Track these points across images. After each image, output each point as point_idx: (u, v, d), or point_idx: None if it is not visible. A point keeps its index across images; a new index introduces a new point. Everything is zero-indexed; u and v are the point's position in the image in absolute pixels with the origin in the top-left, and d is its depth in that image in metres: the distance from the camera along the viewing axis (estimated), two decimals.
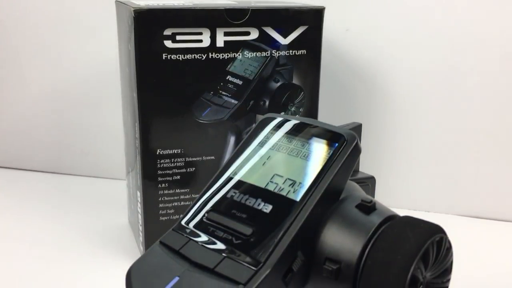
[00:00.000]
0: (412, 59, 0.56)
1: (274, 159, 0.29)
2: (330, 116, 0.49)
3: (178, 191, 0.46)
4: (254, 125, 0.31)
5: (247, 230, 0.26)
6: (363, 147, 0.29)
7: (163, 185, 0.45)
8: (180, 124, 0.45)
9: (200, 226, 0.27)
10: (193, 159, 0.46)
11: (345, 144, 0.28)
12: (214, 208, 0.27)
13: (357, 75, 0.57)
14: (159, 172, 0.45)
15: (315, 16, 0.46)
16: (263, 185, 0.28)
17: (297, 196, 0.26)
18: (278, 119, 0.30)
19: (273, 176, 0.28)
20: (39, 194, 0.62)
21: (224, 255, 0.25)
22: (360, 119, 0.42)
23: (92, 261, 0.48)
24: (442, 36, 0.55)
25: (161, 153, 0.45)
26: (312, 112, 0.48)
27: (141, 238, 0.47)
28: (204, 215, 0.27)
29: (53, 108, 0.66)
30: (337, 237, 0.26)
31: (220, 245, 0.26)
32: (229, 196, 0.28)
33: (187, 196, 0.46)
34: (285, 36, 0.45)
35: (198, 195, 0.29)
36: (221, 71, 0.44)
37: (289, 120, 0.30)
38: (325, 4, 0.46)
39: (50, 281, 0.45)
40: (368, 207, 0.27)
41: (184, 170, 0.46)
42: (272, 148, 0.29)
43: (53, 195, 0.62)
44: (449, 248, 0.27)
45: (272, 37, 0.45)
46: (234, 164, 0.29)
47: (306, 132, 0.29)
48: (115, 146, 0.61)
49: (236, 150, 0.30)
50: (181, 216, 0.28)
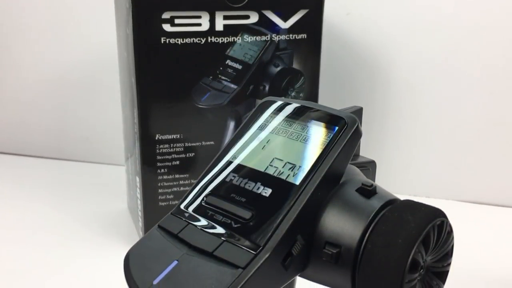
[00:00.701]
0: (414, 44, 0.55)
1: (274, 143, 0.28)
2: (331, 101, 0.48)
3: (178, 177, 0.46)
4: (254, 109, 0.31)
5: (247, 214, 0.25)
6: (364, 132, 0.29)
7: (162, 171, 0.45)
8: (179, 109, 0.44)
9: (199, 210, 0.27)
10: (193, 145, 0.45)
11: (346, 127, 0.27)
12: (213, 192, 0.27)
13: (358, 60, 0.57)
14: (158, 158, 0.45)
15: None
16: (263, 169, 0.27)
17: (297, 180, 0.26)
18: (278, 103, 0.30)
19: (273, 160, 0.28)
20: (38, 180, 0.62)
21: (223, 239, 0.25)
22: (361, 104, 0.42)
23: (91, 247, 0.48)
24: (445, 20, 0.54)
25: (160, 139, 0.44)
26: (313, 97, 0.47)
27: (140, 224, 0.47)
28: (203, 199, 0.27)
29: (52, 94, 0.66)
30: (337, 221, 0.26)
31: (219, 229, 0.25)
32: (228, 180, 0.27)
33: (187, 182, 0.46)
34: (285, 20, 0.44)
35: (197, 179, 0.29)
36: (221, 56, 0.44)
37: (290, 104, 0.30)
38: None
39: (50, 266, 0.45)
40: (369, 191, 0.27)
41: (184, 156, 0.45)
42: (272, 132, 0.29)
43: (52, 181, 0.62)
44: (450, 232, 0.26)
45: (272, 21, 0.44)
46: (233, 148, 0.29)
47: (307, 116, 0.29)
48: (114, 132, 0.60)
49: (235, 134, 0.30)
50: (180, 200, 0.28)
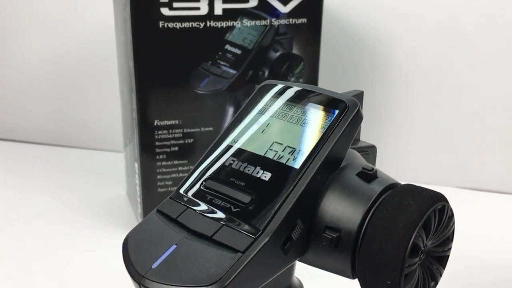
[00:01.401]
0: (414, 28, 0.55)
1: (274, 127, 0.28)
2: (331, 87, 0.48)
3: (176, 163, 0.45)
4: (253, 92, 0.31)
5: (246, 198, 0.25)
6: (364, 117, 0.28)
7: (161, 157, 0.45)
8: (178, 95, 0.44)
9: (198, 195, 0.26)
10: (191, 130, 0.45)
11: (347, 111, 0.27)
12: (212, 176, 0.27)
13: (359, 45, 0.56)
14: (157, 144, 0.44)
15: None
16: (262, 153, 0.27)
17: (297, 164, 0.26)
18: (279, 86, 0.30)
19: (273, 144, 0.27)
20: (37, 166, 0.62)
21: (223, 223, 0.25)
22: (361, 89, 0.41)
23: (90, 233, 0.48)
24: (445, 4, 0.54)
25: (159, 124, 0.44)
26: (312, 83, 0.47)
27: (139, 210, 0.46)
28: (202, 184, 0.27)
29: (50, 81, 0.65)
30: (337, 205, 0.26)
31: (219, 213, 0.25)
32: (228, 164, 0.27)
33: (185, 168, 0.46)
34: (285, 4, 0.44)
35: (196, 164, 0.28)
36: (219, 40, 0.44)
37: (290, 87, 0.29)
38: None
39: (50, 252, 0.45)
40: (369, 175, 0.26)
41: (182, 142, 0.45)
42: (272, 116, 0.29)
43: (51, 167, 0.62)
44: (451, 217, 0.26)
45: (272, 5, 0.44)
46: (233, 132, 0.29)
47: (307, 99, 0.28)
48: (113, 118, 0.60)
49: (235, 118, 0.29)
50: (179, 185, 0.27)
